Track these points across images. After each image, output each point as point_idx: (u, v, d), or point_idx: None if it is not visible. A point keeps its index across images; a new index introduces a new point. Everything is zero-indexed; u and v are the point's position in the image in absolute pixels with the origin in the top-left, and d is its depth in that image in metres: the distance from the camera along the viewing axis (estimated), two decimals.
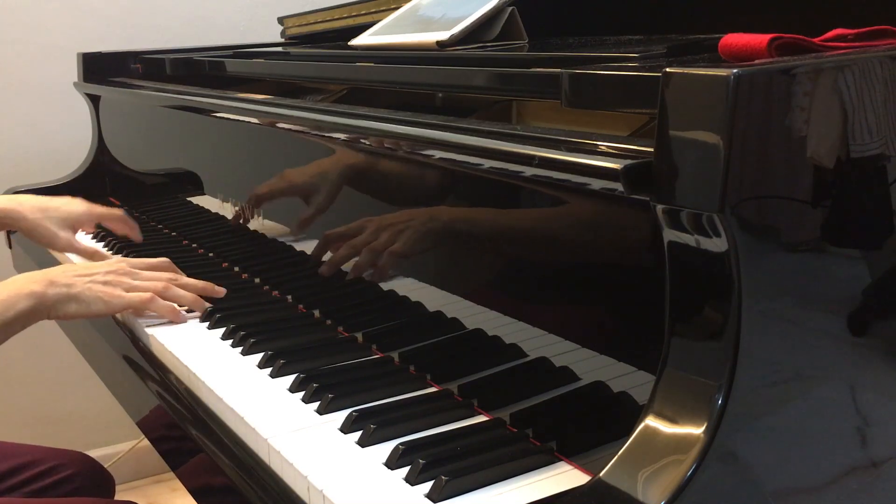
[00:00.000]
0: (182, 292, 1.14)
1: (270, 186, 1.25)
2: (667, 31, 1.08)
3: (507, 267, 0.87)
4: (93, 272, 1.12)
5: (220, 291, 1.18)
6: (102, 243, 1.65)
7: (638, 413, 0.63)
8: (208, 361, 1.01)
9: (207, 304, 1.15)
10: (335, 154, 1.09)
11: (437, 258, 0.96)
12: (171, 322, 1.13)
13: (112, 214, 1.44)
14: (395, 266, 1.00)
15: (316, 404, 0.87)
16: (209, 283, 1.18)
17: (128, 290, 1.11)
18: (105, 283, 1.11)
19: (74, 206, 1.39)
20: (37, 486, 1.28)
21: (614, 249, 0.74)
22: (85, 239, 1.59)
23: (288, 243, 1.23)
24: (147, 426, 1.10)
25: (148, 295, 1.11)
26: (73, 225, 1.39)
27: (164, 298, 1.13)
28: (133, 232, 1.43)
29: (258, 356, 0.99)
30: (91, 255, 1.39)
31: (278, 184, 1.22)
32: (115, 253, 1.57)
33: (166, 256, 1.25)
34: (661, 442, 0.61)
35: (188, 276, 1.21)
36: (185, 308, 1.14)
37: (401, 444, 0.76)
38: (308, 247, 1.16)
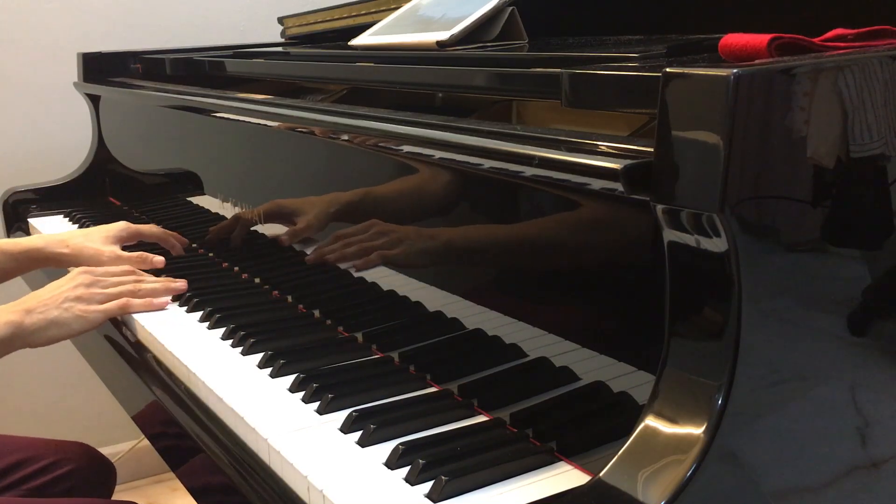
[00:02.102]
0: (151, 285, 1.19)
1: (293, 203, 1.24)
2: (667, 31, 1.08)
3: (507, 267, 0.87)
4: (62, 292, 1.13)
5: (181, 287, 1.21)
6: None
7: (638, 413, 0.63)
8: (208, 361, 1.01)
9: (179, 285, 1.20)
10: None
11: (438, 259, 0.96)
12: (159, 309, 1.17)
13: (153, 230, 1.42)
14: (378, 264, 1.02)
15: (316, 404, 0.87)
16: (168, 281, 1.22)
17: (101, 301, 1.13)
18: (78, 298, 1.12)
19: (114, 224, 1.39)
20: (37, 483, 1.28)
21: (614, 249, 0.74)
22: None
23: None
24: (147, 426, 1.10)
25: (123, 300, 1.15)
26: (115, 241, 1.38)
27: (137, 297, 1.16)
28: (175, 249, 1.42)
29: (258, 356, 0.99)
30: (140, 261, 1.36)
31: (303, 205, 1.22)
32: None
33: (167, 256, 1.26)
34: (661, 442, 0.61)
35: (186, 276, 1.24)
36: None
37: (401, 444, 0.76)
38: (308, 247, 1.16)
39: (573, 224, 0.77)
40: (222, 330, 1.08)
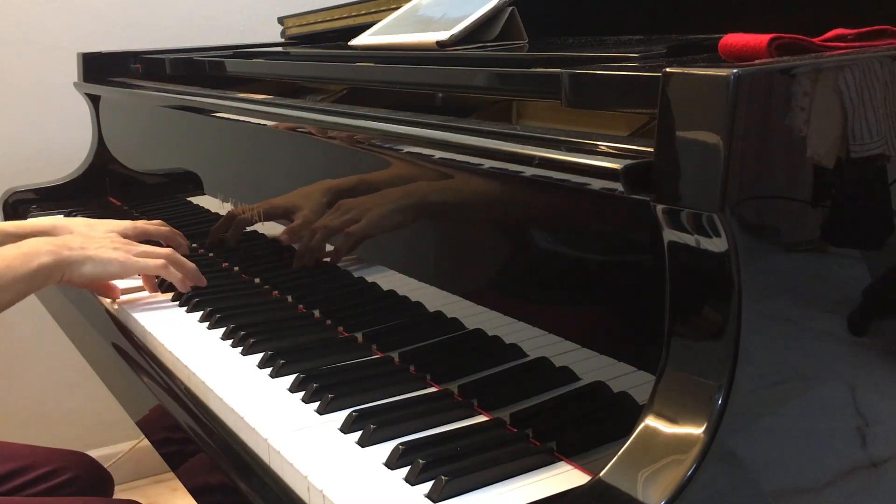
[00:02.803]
0: (184, 260, 1.21)
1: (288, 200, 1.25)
2: (667, 31, 1.08)
3: (506, 267, 0.87)
4: (98, 238, 1.16)
5: (204, 282, 1.22)
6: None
7: (638, 413, 0.63)
8: (208, 361, 1.01)
9: (203, 280, 1.20)
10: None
11: (437, 258, 0.96)
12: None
13: (160, 229, 1.42)
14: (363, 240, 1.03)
15: (316, 404, 0.87)
16: (197, 270, 1.22)
17: (138, 256, 1.16)
18: (115, 248, 1.15)
19: (121, 221, 1.39)
20: (35, 490, 1.28)
21: (614, 249, 0.74)
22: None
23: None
24: (147, 426, 1.10)
25: (162, 261, 1.17)
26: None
27: (174, 266, 1.18)
28: (182, 248, 1.41)
29: (258, 356, 0.99)
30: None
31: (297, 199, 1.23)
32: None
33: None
34: (661, 442, 0.61)
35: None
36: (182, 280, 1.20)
37: (401, 444, 0.76)
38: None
39: (573, 224, 0.77)
40: (222, 330, 1.08)
